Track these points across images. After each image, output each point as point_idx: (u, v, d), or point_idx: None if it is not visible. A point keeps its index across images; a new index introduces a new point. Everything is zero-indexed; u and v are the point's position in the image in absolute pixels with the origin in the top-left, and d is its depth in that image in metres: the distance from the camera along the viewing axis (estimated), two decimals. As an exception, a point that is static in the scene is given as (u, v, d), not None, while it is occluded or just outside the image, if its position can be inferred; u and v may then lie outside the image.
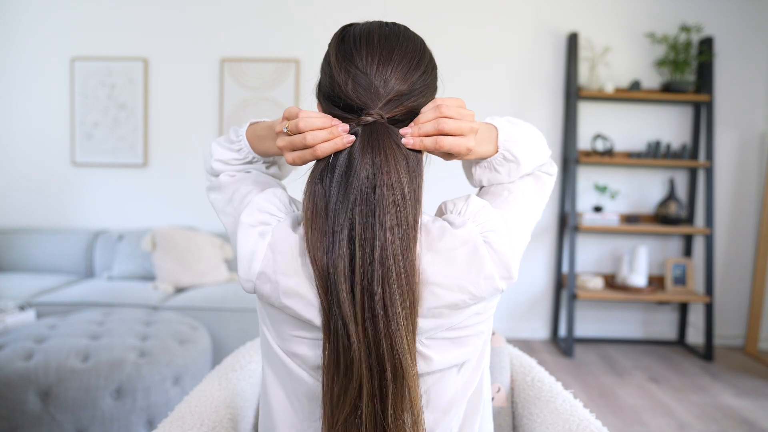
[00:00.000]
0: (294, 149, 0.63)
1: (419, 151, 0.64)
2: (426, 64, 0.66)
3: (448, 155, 0.64)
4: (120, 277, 2.95)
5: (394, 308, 0.58)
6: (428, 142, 0.61)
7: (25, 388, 1.57)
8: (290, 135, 0.63)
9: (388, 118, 0.63)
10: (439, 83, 0.70)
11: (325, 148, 0.61)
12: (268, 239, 0.64)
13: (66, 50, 3.27)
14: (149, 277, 2.93)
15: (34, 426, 1.57)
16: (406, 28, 0.68)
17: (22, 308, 2.27)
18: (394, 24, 0.68)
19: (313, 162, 0.65)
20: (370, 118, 0.62)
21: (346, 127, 0.62)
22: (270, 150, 0.72)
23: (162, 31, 3.26)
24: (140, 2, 3.25)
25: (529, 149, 0.72)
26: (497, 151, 0.70)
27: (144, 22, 3.25)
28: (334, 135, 0.61)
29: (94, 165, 3.31)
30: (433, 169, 0.69)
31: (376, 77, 0.62)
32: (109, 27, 3.26)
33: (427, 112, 0.63)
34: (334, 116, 0.64)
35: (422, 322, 0.62)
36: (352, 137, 0.62)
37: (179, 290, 2.78)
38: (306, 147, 0.62)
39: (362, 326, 0.58)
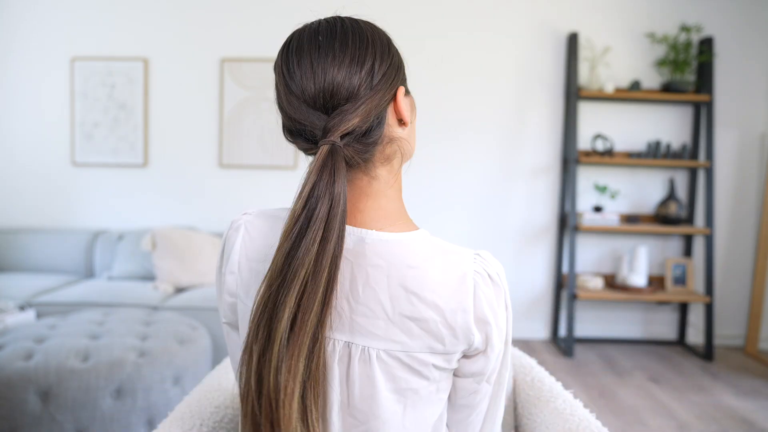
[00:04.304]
0: None
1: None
2: (374, 52, 0.60)
3: None
4: (120, 277, 2.95)
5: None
6: None
7: (25, 388, 1.57)
8: None
9: (345, 135, 0.58)
10: (403, 58, 0.65)
11: None
12: (242, 231, 0.66)
13: (66, 50, 3.27)
14: (149, 277, 2.93)
15: (34, 426, 1.57)
16: (341, 22, 0.62)
17: (22, 308, 2.27)
18: (327, 24, 0.61)
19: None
20: (325, 148, 0.56)
21: None
22: None
23: (162, 31, 3.26)
24: (140, 2, 3.25)
25: None
26: None
27: (144, 22, 3.25)
28: None
29: (94, 165, 3.31)
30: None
31: (321, 95, 0.58)
32: (109, 27, 3.26)
33: None
34: (300, 148, 0.62)
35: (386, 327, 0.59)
36: None
37: (179, 290, 2.78)
38: None
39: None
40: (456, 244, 0.64)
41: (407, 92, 0.65)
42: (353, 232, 0.61)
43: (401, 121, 0.64)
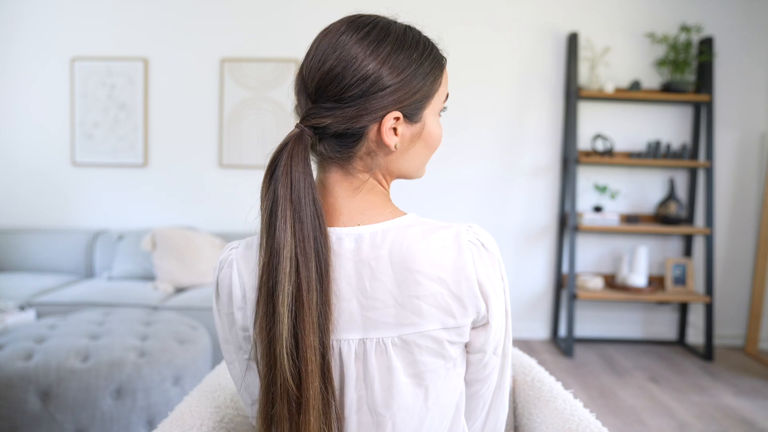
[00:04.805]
0: None
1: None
2: (388, 38, 0.63)
3: None
4: (120, 277, 2.95)
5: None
6: None
7: (25, 388, 1.57)
8: None
9: (319, 128, 0.62)
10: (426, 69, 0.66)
11: None
12: (234, 266, 0.66)
13: (66, 50, 3.27)
14: (149, 277, 2.93)
15: (34, 426, 1.57)
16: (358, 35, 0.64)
17: (22, 308, 2.27)
18: (353, 22, 0.67)
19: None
20: (296, 130, 0.62)
21: None
22: None
23: (162, 31, 3.26)
24: (140, 2, 3.25)
25: None
26: None
27: (144, 22, 3.25)
28: None
29: (94, 165, 3.31)
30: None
31: (314, 81, 0.62)
32: (109, 27, 3.26)
33: None
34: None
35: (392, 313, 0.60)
36: None
37: (179, 290, 2.78)
38: None
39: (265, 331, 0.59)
40: (446, 221, 0.66)
41: (413, 121, 0.64)
42: (351, 232, 0.62)
43: (386, 145, 0.63)
